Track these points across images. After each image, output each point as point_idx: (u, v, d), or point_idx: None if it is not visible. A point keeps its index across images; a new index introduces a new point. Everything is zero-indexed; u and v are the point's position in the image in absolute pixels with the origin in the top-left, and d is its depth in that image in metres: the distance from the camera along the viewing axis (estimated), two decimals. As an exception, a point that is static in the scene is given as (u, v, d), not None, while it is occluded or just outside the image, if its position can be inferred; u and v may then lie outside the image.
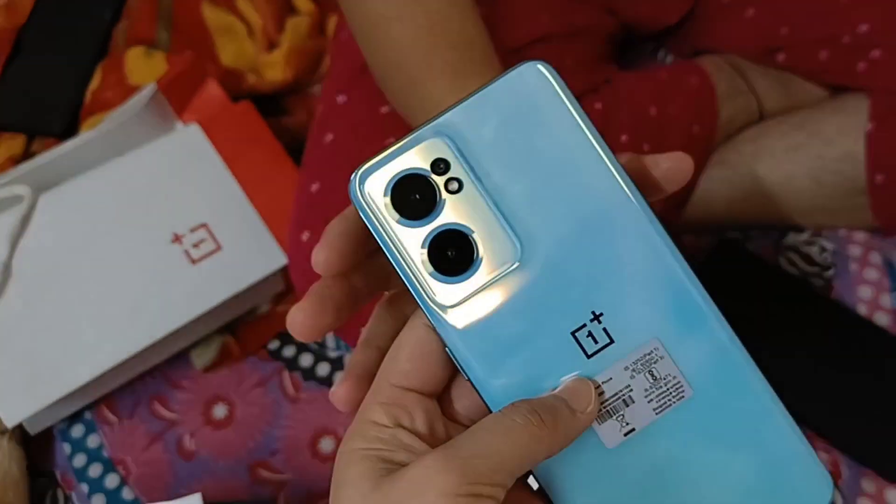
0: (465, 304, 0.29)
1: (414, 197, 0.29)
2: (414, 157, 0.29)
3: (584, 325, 0.29)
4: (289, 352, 0.77)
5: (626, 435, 0.29)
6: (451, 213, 0.29)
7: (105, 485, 0.73)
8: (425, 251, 0.29)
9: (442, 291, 0.29)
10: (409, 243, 0.29)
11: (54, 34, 0.90)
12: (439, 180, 0.29)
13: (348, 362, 0.30)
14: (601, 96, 0.69)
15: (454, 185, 0.29)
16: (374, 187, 0.29)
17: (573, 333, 0.29)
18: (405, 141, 0.29)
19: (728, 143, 0.74)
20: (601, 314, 0.29)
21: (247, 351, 0.77)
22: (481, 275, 0.29)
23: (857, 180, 0.68)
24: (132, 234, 0.72)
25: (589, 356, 0.29)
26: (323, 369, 0.76)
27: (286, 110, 0.85)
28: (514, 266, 0.29)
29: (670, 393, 0.29)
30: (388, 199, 0.29)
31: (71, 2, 0.91)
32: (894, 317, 0.71)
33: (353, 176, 0.29)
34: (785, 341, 0.68)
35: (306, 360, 0.77)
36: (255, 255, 0.72)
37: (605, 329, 0.29)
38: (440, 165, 0.29)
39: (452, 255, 0.29)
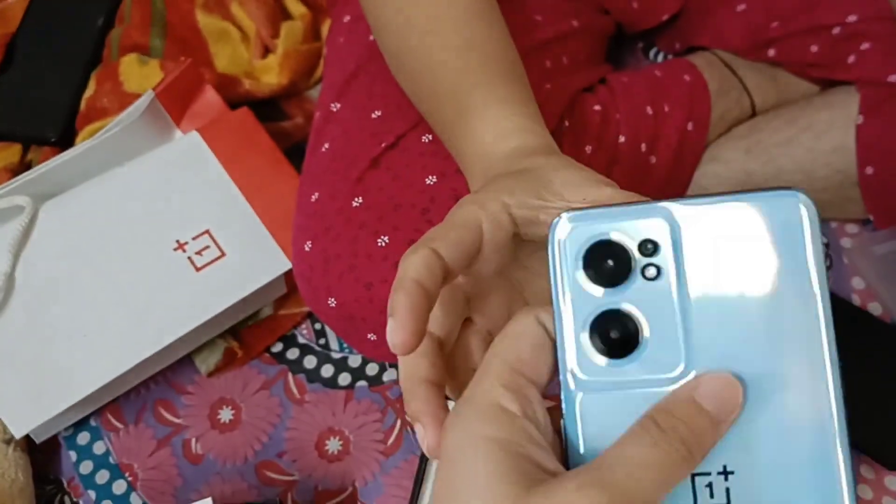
0: (602, 390, 0.28)
1: (608, 262, 0.28)
2: (630, 226, 0.28)
3: (709, 474, 0.26)
4: (292, 354, 0.78)
5: None
6: (635, 296, 0.28)
7: (113, 491, 0.74)
8: (591, 319, 0.28)
9: (588, 364, 0.28)
10: (582, 302, 0.28)
11: (46, 42, 0.89)
12: (641, 260, 0.28)
13: (394, 301, 0.31)
14: (598, 97, 0.69)
15: (652, 272, 0.28)
16: (575, 234, 0.28)
17: (693, 475, 0.26)
18: (633, 206, 0.28)
19: (721, 139, 0.75)
20: (731, 472, 0.26)
21: (250, 354, 0.78)
22: (634, 370, 0.27)
23: (849, 173, 0.69)
24: (135, 243, 0.73)
25: None
26: (327, 371, 0.77)
27: (283, 115, 0.85)
28: (668, 378, 0.27)
29: None
30: (583, 250, 0.28)
31: (62, 9, 0.90)
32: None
33: (562, 213, 0.29)
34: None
35: (310, 362, 0.78)
36: (258, 261, 0.73)
37: (727, 489, 0.26)
38: (649, 246, 0.28)
39: (614, 336, 0.28)
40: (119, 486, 0.74)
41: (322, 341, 0.79)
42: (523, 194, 0.35)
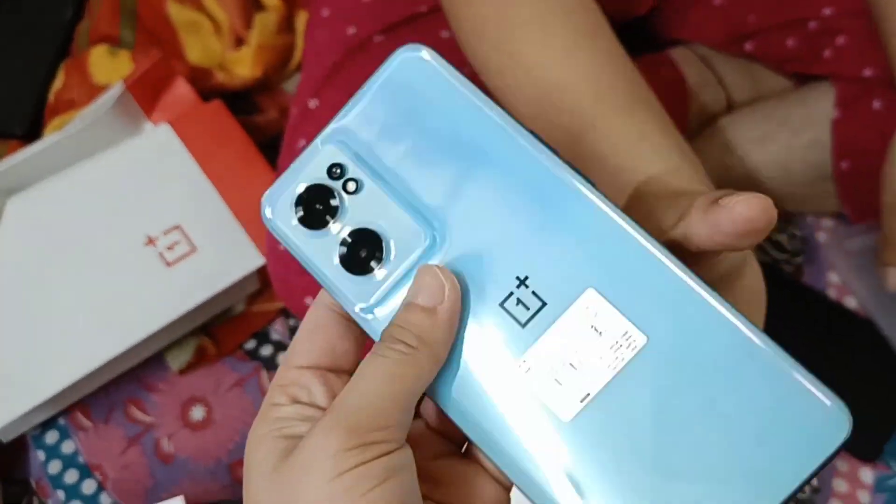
0: (387, 298, 0.29)
1: (317, 207, 0.29)
2: (311, 170, 0.30)
3: (511, 294, 0.28)
4: (266, 351, 0.77)
5: (582, 402, 0.27)
6: (355, 213, 0.29)
7: (82, 491, 0.72)
8: (337, 256, 0.29)
9: (362, 292, 0.29)
10: (323, 252, 0.29)
11: (13, 34, 0.87)
12: (337, 185, 0.29)
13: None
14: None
15: (352, 186, 0.29)
16: (281, 209, 0.30)
17: (501, 305, 0.28)
18: (300, 157, 0.30)
19: (698, 134, 0.74)
20: (526, 278, 0.28)
21: (223, 351, 0.77)
22: (397, 266, 0.29)
23: (824, 167, 0.69)
24: (104, 238, 0.71)
25: (523, 325, 0.27)
26: (301, 368, 0.76)
27: (257, 108, 0.84)
28: (426, 254, 0.29)
29: (621, 345, 0.26)
30: (296, 217, 0.30)
31: (29, 0, 0.88)
32: (862, 300, 0.73)
33: (262, 203, 0.30)
34: (758, 327, 0.70)
35: (284, 359, 0.76)
36: (231, 256, 0.72)
37: (533, 292, 0.27)
38: (335, 170, 0.29)
39: (365, 253, 0.29)
40: (89, 486, 0.73)
41: (296, 338, 0.77)
42: None
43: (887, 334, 0.67)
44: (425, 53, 0.29)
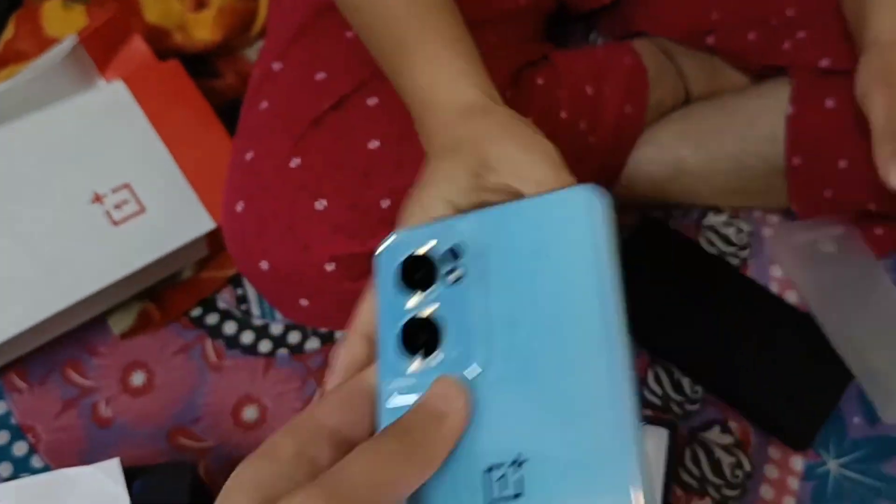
0: (409, 392, 0.29)
1: (418, 272, 0.31)
2: (442, 238, 0.31)
3: (501, 465, 0.26)
4: (212, 319, 0.76)
5: None
6: (440, 300, 0.30)
7: (13, 452, 0.71)
8: (402, 322, 0.30)
9: (395, 368, 0.30)
10: (395, 310, 0.31)
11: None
12: (445, 266, 0.31)
13: (334, 355, 0.34)
14: (542, 72, 0.69)
15: (455, 277, 0.30)
16: (395, 251, 0.32)
17: (486, 470, 0.27)
18: (443, 222, 0.33)
19: (656, 124, 0.75)
20: (525, 461, 0.26)
21: (168, 317, 0.75)
22: (435, 371, 0.29)
23: (777, 162, 0.70)
24: (50, 193, 0.69)
25: (490, 501, 0.26)
26: (247, 337, 0.75)
27: (216, 72, 0.82)
28: (468, 374, 0.29)
29: None
30: (397, 266, 0.31)
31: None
32: (803, 295, 0.74)
33: (390, 236, 0.32)
34: (701, 316, 0.71)
35: (230, 327, 0.76)
36: (180, 219, 0.70)
37: (520, 478, 0.26)
38: (455, 251, 0.31)
39: (422, 340, 0.30)
40: (20, 448, 0.71)
41: (244, 307, 0.77)
42: (464, 177, 0.37)
43: (824, 329, 0.69)
44: (587, 202, 0.30)
